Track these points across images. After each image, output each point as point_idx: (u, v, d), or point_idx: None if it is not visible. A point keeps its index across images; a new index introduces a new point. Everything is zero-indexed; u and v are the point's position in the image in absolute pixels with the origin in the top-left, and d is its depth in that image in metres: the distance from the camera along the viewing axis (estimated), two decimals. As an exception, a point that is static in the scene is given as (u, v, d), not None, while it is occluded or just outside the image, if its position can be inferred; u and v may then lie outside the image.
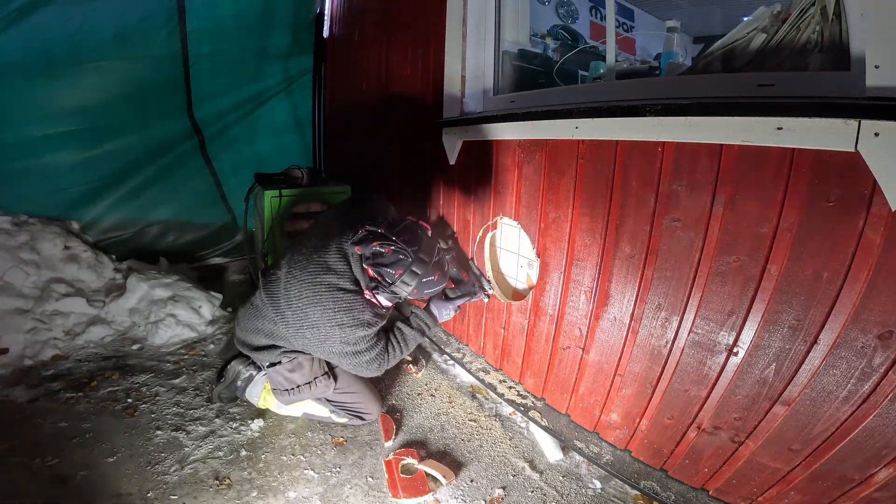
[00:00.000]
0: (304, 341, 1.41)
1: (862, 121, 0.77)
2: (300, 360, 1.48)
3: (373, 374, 1.47)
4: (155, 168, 2.59)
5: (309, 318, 1.35)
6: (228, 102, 2.74)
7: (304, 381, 1.49)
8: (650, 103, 1.06)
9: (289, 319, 1.38)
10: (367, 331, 1.38)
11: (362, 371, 1.45)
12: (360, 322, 1.36)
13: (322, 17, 3.06)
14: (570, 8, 2.69)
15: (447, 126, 1.81)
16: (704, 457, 1.17)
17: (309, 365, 1.49)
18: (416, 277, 1.33)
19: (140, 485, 1.29)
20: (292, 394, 1.51)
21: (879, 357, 0.83)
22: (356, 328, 1.36)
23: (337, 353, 1.40)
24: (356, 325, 1.36)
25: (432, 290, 1.42)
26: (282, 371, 1.48)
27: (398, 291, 1.35)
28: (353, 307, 1.36)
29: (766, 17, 1.10)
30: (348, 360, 1.42)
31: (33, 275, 2.05)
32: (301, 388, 1.50)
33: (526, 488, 1.40)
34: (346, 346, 1.37)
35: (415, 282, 1.34)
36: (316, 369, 1.51)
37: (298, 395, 1.51)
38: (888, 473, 0.87)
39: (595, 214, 1.29)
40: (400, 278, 1.32)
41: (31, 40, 1.99)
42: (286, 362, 1.48)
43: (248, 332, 1.52)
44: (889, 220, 0.78)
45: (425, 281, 1.35)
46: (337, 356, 1.42)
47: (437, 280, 1.39)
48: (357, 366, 1.43)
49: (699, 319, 1.09)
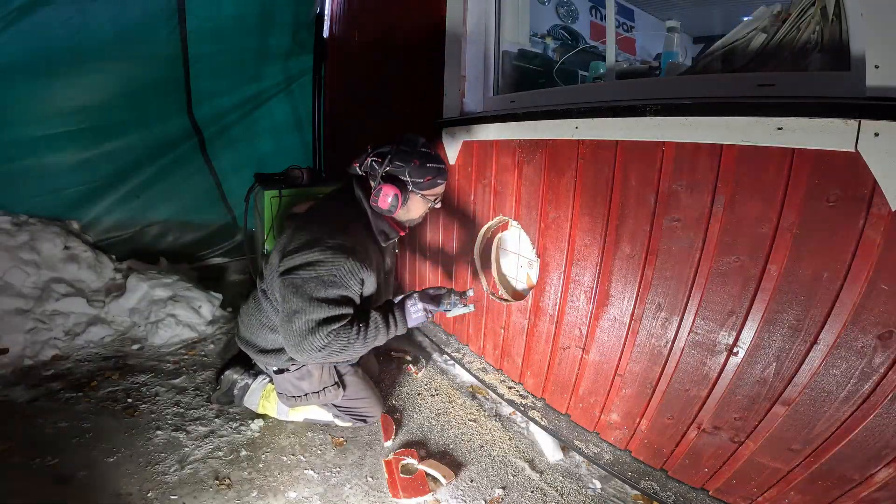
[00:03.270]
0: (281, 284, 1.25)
1: (862, 121, 0.77)
2: (309, 368, 1.46)
3: (315, 352, 1.21)
4: (155, 168, 2.59)
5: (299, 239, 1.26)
6: (228, 102, 2.74)
7: (313, 389, 1.48)
8: (650, 103, 1.06)
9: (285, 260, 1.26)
10: (340, 258, 1.21)
11: (303, 337, 1.20)
12: (343, 247, 1.23)
13: (322, 17, 3.06)
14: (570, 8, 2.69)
15: (447, 126, 1.81)
16: (704, 457, 1.17)
17: (318, 373, 1.47)
18: (426, 158, 1.30)
19: (140, 485, 1.29)
20: (300, 401, 1.50)
21: (879, 357, 0.83)
22: (337, 252, 1.21)
23: (297, 289, 1.21)
24: (338, 249, 1.22)
25: (441, 181, 1.35)
26: (290, 378, 1.47)
27: (411, 175, 1.29)
28: (344, 229, 1.28)
29: (766, 17, 1.10)
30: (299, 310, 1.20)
31: (33, 275, 2.05)
32: (309, 395, 1.49)
33: (526, 488, 1.40)
34: (310, 283, 1.20)
35: (425, 163, 1.30)
36: (325, 378, 1.49)
37: (306, 401, 1.50)
38: (888, 473, 0.87)
39: (595, 214, 1.29)
40: (411, 164, 1.28)
41: (31, 40, 1.99)
42: (294, 370, 1.46)
43: (252, 329, 1.50)
44: (889, 220, 0.78)
45: (430, 167, 1.31)
46: (295, 298, 1.21)
47: (446, 171, 1.36)
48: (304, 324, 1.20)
49: (699, 319, 1.09)
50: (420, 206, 1.37)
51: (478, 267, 1.82)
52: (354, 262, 1.24)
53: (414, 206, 1.36)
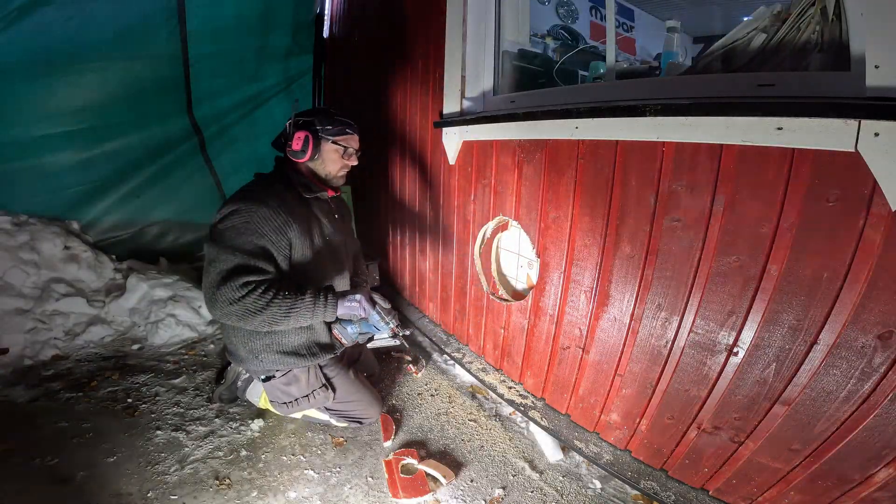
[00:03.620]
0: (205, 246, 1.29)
1: (862, 121, 0.77)
2: (295, 372, 1.46)
3: (229, 305, 1.20)
4: (155, 168, 2.59)
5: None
6: (228, 102, 2.74)
7: (302, 393, 1.48)
8: (650, 103, 1.06)
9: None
10: (252, 206, 1.27)
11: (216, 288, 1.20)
12: (253, 196, 1.30)
13: (322, 18, 3.07)
14: (570, 8, 2.69)
15: (447, 126, 1.81)
16: (704, 457, 1.17)
17: (305, 377, 1.47)
18: (334, 114, 1.45)
19: (140, 485, 1.29)
20: (291, 406, 1.50)
21: (879, 357, 0.83)
22: (247, 200, 1.29)
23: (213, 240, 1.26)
24: (248, 197, 1.30)
25: (350, 132, 1.47)
26: (278, 385, 1.47)
27: (320, 123, 1.42)
28: (256, 184, 1.42)
29: (766, 17, 1.10)
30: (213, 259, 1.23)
31: (33, 275, 2.05)
32: (299, 400, 1.49)
33: (526, 488, 1.40)
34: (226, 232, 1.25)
35: (333, 116, 1.44)
36: (313, 381, 1.49)
37: (297, 407, 1.50)
38: (888, 473, 0.87)
39: (595, 214, 1.29)
40: (318, 115, 1.43)
41: (31, 40, 1.99)
42: (280, 376, 1.46)
43: (229, 337, 1.48)
44: (889, 220, 0.78)
45: (338, 119, 1.45)
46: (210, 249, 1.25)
47: (355, 128, 1.49)
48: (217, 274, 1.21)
49: (699, 319, 1.09)
50: (333, 156, 1.46)
51: (478, 267, 1.82)
52: (268, 210, 1.29)
53: (328, 157, 1.45)
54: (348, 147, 1.48)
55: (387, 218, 2.56)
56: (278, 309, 1.25)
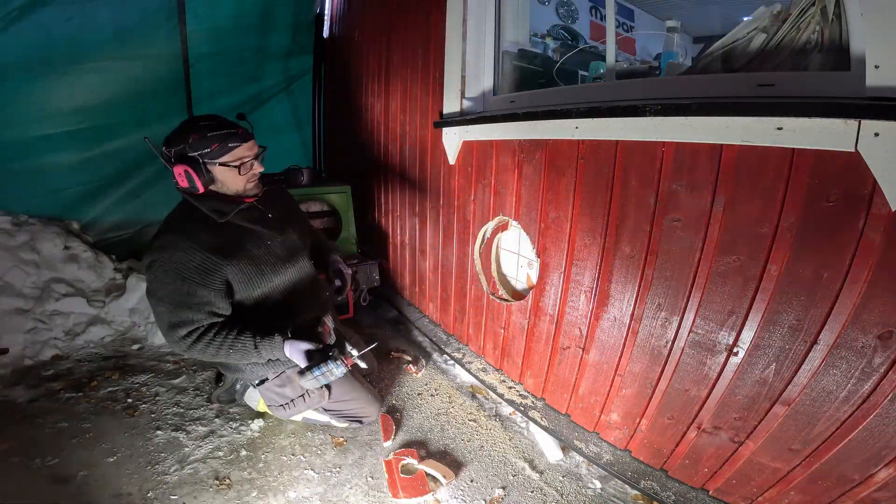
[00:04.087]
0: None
1: (862, 121, 0.77)
2: (288, 373, 1.45)
3: (185, 352, 1.26)
4: (155, 168, 2.58)
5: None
6: (228, 102, 2.74)
7: (297, 394, 1.47)
8: (650, 103, 1.06)
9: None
10: (171, 254, 1.21)
11: (168, 337, 1.25)
12: (165, 243, 1.23)
13: (322, 17, 3.07)
14: (570, 8, 2.69)
15: (447, 126, 1.81)
16: (704, 457, 1.17)
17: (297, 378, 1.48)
18: (207, 129, 1.23)
19: (140, 485, 1.29)
20: (288, 408, 1.50)
21: (879, 357, 0.83)
22: (162, 250, 1.22)
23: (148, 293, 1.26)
24: (161, 246, 1.23)
25: (234, 143, 1.26)
26: (272, 388, 1.47)
27: (196, 149, 1.22)
28: (165, 228, 1.28)
29: (766, 17, 1.10)
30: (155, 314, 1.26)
31: (33, 275, 2.05)
32: (295, 401, 1.48)
33: (526, 488, 1.40)
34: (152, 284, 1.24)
35: (205, 134, 1.22)
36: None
37: (294, 408, 1.50)
38: (888, 473, 0.87)
39: (595, 214, 1.29)
40: (189, 139, 1.22)
41: (31, 40, 2.00)
42: (273, 378, 1.46)
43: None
44: (889, 220, 0.78)
45: (213, 135, 1.23)
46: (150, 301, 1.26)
47: (239, 134, 1.27)
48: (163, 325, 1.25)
49: (699, 319, 1.09)
50: (229, 175, 1.28)
51: (478, 267, 1.82)
52: (183, 254, 1.21)
53: (224, 177, 1.29)
54: (243, 160, 1.28)
55: (387, 218, 2.56)
56: (230, 350, 1.27)
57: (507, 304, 1.70)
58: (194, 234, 1.26)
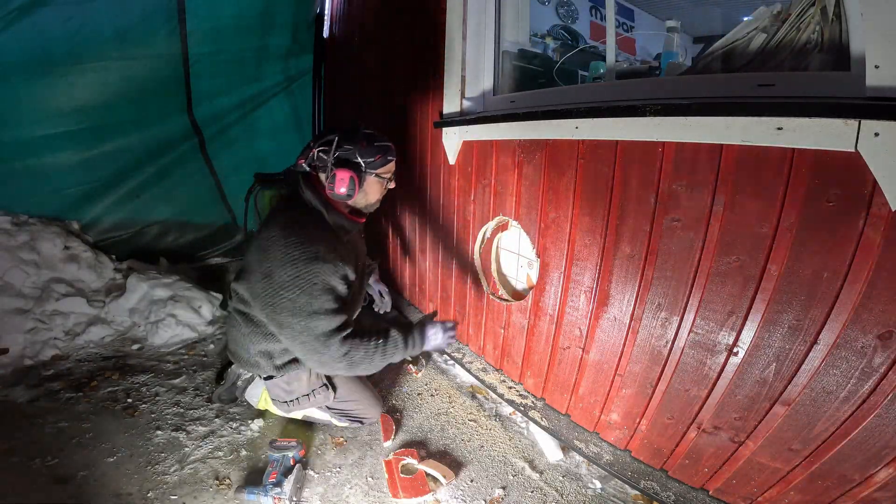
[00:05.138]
0: (271, 313, 1.27)
1: (862, 121, 0.77)
2: (297, 371, 1.46)
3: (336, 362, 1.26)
4: (155, 168, 2.59)
5: (264, 266, 1.25)
6: (228, 102, 2.74)
7: (303, 392, 1.48)
8: (650, 103, 1.06)
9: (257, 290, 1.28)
10: (315, 266, 1.21)
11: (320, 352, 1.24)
12: (312, 255, 1.22)
13: (322, 17, 3.07)
14: (570, 8, 2.70)
15: (447, 126, 1.81)
16: (704, 457, 1.17)
17: (306, 376, 1.47)
18: (372, 139, 1.29)
19: (140, 485, 1.29)
20: (292, 405, 1.50)
21: (879, 357, 0.83)
22: (310, 262, 1.21)
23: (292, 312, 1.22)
24: (309, 258, 1.21)
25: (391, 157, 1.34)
26: (279, 384, 1.47)
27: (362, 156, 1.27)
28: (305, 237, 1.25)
29: (766, 17, 1.10)
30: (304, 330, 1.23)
31: (33, 275, 2.05)
32: (300, 399, 1.49)
33: (526, 488, 1.40)
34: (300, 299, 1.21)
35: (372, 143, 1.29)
36: (314, 380, 1.49)
37: (298, 406, 1.50)
38: (888, 473, 0.87)
39: (595, 214, 1.29)
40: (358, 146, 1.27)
41: (31, 40, 1.99)
42: (282, 375, 1.46)
43: (235, 342, 1.48)
44: (889, 220, 0.78)
45: (377, 145, 1.30)
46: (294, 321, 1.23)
47: (392, 148, 1.34)
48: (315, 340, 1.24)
49: (699, 319, 1.09)
50: (376, 187, 1.36)
51: (478, 267, 1.82)
52: (327, 264, 1.24)
53: (371, 189, 1.35)
54: (392, 175, 1.39)
55: (387, 218, 2.56)
56: (379, 357, 1.32)
57: (507, 304, 1.70)
58: (332, 245, 1.29)
